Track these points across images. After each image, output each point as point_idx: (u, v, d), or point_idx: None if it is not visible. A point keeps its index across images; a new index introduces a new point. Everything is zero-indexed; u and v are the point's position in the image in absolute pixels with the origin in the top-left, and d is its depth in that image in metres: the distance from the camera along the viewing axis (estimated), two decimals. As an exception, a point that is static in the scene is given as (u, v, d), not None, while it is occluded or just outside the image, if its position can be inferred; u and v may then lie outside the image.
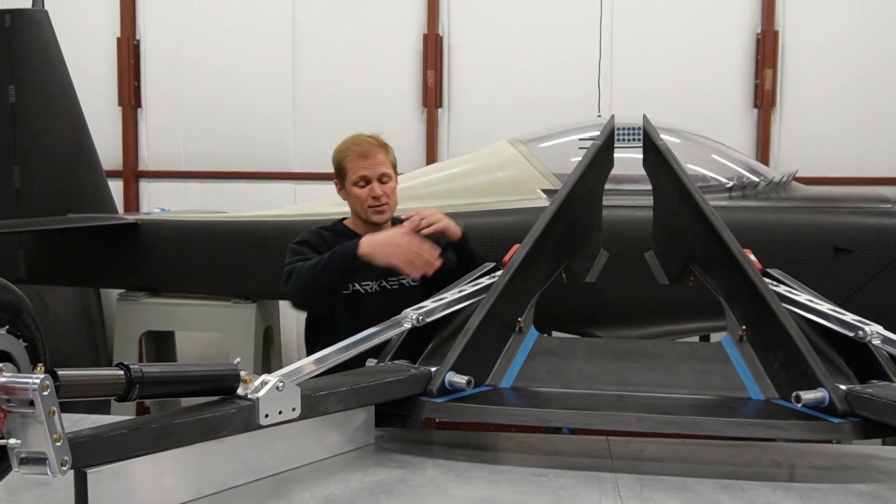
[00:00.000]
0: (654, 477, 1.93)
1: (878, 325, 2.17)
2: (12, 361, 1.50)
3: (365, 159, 2.93)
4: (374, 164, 2.94)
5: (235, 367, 1.87)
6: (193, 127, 6.72)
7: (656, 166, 2.78)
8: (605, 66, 6.00)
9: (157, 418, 1.72)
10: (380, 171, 2.94)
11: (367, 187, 2.93)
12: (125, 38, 6.68)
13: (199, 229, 4.62)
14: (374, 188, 2.92)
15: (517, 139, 4.41)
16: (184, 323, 4.97)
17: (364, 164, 2.93)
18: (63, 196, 4.90)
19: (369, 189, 2.92)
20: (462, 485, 1.89)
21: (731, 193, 4.03)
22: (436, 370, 2.15)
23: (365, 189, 2.93)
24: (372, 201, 2.93)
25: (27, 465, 1.46)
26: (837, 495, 1.84)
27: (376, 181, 2.93)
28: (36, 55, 4.90)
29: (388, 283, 2.98)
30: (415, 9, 6.42)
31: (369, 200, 2.93)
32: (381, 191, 2.93)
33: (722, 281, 2.45)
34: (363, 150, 2.94)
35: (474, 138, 5.97)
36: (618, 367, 2.35)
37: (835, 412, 1.94)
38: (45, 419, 1.41)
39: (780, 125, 6.08)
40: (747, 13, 6.10)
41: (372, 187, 2.92)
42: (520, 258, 2.47)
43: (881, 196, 4.01)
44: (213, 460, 1.79)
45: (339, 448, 2.08)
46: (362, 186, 2.94)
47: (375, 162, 2.94)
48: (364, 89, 6.46)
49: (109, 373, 1.63)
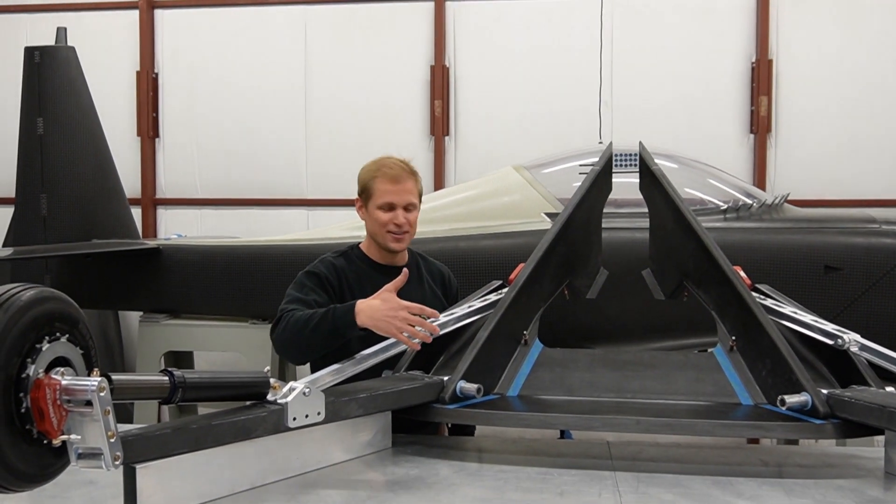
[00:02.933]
0: (651, 475, 2.09)
1: (855, 334, 2.33)
2: (71, 366, 1.66)
3: (395, 184, 2.79)
4: (403, 191, 2.79)
5: (266, 374, 2.06)
6: (209, 156, 6.93)
7: (652, 190, 2.95)
8: (606, 93, 6.20)
9: (196, 419, 1.89)
10: (407, 199, 2.80)
11: (392, 213, 2.78)
12: (144, 71, 6.93)
13: (217, 254, 4.79)
14: (398, 215, 2.78)
15: (521, 165, 4.59)
16: (203, 343, 5.14)
17: (393, 189, 2.78)
18: (88, 223, 5.09)
19: (393, 215, 2.78)
20: (473, 483, 2.05)
21: (726, 215, 4.20)
22: (448, 379, 2.32)
23: (388, 214, 2.78)
24: (393, 227, 2.79)
25: (84, 460, 1.62)
26: (819, 489, 1.99)
27: (402, 209, 2.78)
28: (63, 89, 5.13)
29: None
30: (422, 41, 6.65)
31: (390, 226, 2.78)
32: (404, 219, 2.79)
33: (713, 296, 2.62)
34: (394, 175, 2.79)
35: (480, 165, 6.17)
36: (617, 375, 2.51)
37: (817, 414, 2.11)
38: (101, 417, 1.58)
39: (776, 150, 6.26)
40: (742, 42, 6.31)
41: (396, 214, 2.78)
42: (524, 276, 2.65)
43: (868, 217, 4.17)
44: (245, 460, 1.96)
45: (360, 451, 2.25)
46: (386, 210, 2.79)
47: (404, 189, 2.80)
48: (374, 118, 6.67)
49: (156, 378, 1.81)
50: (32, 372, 1.55)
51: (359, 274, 2.83)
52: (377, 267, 2.87)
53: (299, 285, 2.76)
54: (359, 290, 2.74)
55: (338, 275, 2.79)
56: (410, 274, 2.68)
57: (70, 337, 1.67)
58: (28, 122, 5.12)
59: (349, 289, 2.78)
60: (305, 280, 2.77)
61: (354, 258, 2.89)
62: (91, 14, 6.99)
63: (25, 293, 1.57)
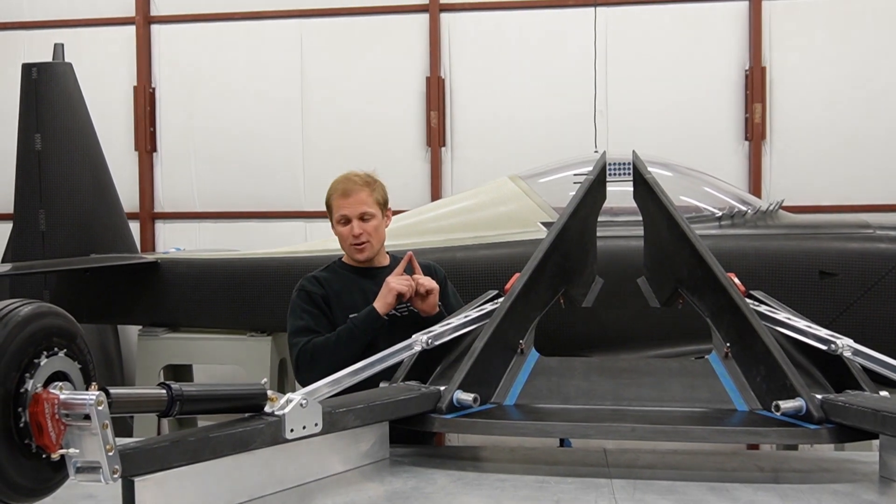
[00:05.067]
0: (648, 482, 2.10)
1: (849, 339, 2.34)
2: (69, 381, 1.67)
3: (346, 197, 2.98)
4: (355, 203, 2.97)
5: (263, 386, 2.07)
6: (206, 169, 6.96)
7: (646, 198, 2.97)
8: (601, 102, 6.23)
9: (194, 432, 1.90)
10: (360, 209, 2.97)
11: (348, 226, 2.98)
12: (141, 86, 6.97)
13: (215, 267, 4.81)
14: (353, 227, 2.97)
15: (517, 175, 4.62)
16: (202, 356, 5.15)
17: (345, 203, 2.98)
18: (86, 238, 5.12)
19: (349, 228, 2.98)
20: (470, 492, 2.06)
21: (721, 222, 4.23)
22: (444, 389, 2.33)
23: (346, 227, 2.99)
24: (353, 239, 2.98)
25: (83, 473, 1.63)
26: (815, 494, 2.00)
27: (356, 220, 2.97)
28: (60, 105, 5.16)
29: (397, 311, 3.06)
30: (417, 53, 6.69)
31: (350, 238, 2.99)
32: (360, 229, 2.97)
33: (708, 302, 2.63)
34: (345, 189, 2.99)
35: (476, 175, 6.20)
36: (613, 383, 2.52)
37: (811, 419, 2.12)
38: (99, 431, 1.59)
39: (771, 156, 6.30)
40: (735, 50, 6.35)
41: (351, 226, 2.97)
42: (520, 285, 2.67)
43: (863, 222, 4.20)
44: (243, 471, 1.97)
45: (358, 462, 2.26)
46: (343, 224, 3.00)
47: (356, 200, 2.97)
48: (370, 130, 6.70)
49: (154, 391, 1.82)
50: (31, 386, 1.56)
51: (343, 281, 3.07)
52: (359, 271, 3.11)
53: (295, 311, 3.00)
54: (346, 294, 3.03)
55: (322, 285, 3.03)
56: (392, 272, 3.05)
57: (68, 351, 1.69)
58: (26, 137, 5.15)
59: (335, 295, 3.02)
60: (298, 302, 3.01)
61: (338, 269, 3.14)
62: (88, 30, 7.04)
63: (23, 308, 1.59)
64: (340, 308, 2.99)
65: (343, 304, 3.00)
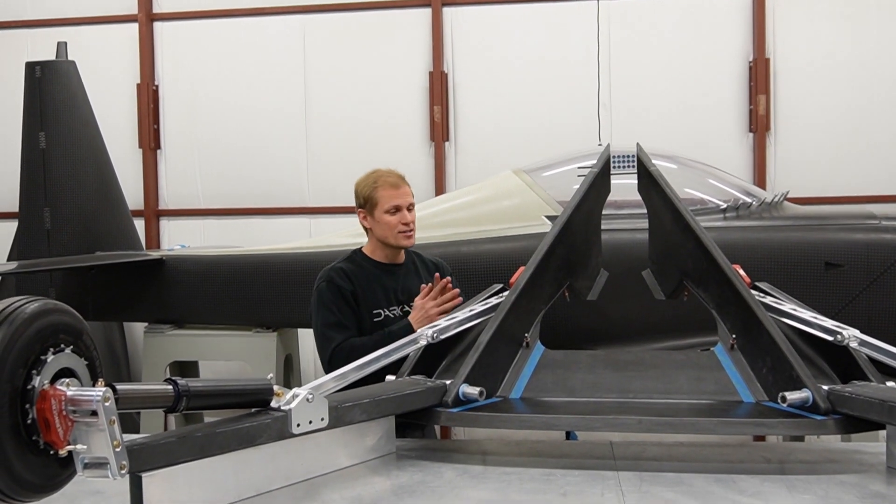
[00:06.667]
0: (654, 474, 2.10)
1: (855, 330, 2.34)
2: (76, 377, 1.68)
3: (396, 189, 3.24)
4: (404, 194, 3.25)
5: (269, 381, 2.07)
6: (210, 166, 6.97)
7: (650, 191, 2.96)
8: (605, 96, 6.23)
9: (201, 427, 1.90)
10: (409, 200, 3.26)
11: (399, 214, 3.20)
12: (145, 83, 6.98)
13: (220, 264, 4.82)
14: (405, 215, 3.21)
15: (521, 169, 4.61)
16: (208, 353, 5.16)
17: (396, 194, 3.23)
18: (91, 235, 5.13)
19: (401, 216, 3.20)
20: (477, 485, 2.06)
21: (726, 214, 4.21)
22: (450, 383, 2.33)
23: (396, 216, 3.20)
24: (403, 227, 3.21)
25: (90, 469, 1.64)
26: (822, 485, 1.99)
27: (406, 209, 3.22)
28: (64, 103, 5.17)
29: (410, 307, 3.21)
30: (420, 48, 6.68)
31: (400, 227, 3.20)
32: (410, 217, 3.23)
33: (713, 294, 2.63)
34: (394, 182, 3.25)
35: (480, 169, 6.20)
36: (618, 376, 2.51)
37: (818, 410, 2.11)
38: (106, 427, 1.60)
39: (775, 148, 6.28)
40: (739, 42, 6.34)
41: (403, 214, 3.21)
42: (525, 279, 2.66)
43: (868, 213, 4.18)
44: (250, 467, 1.97)
45: (364, 456, 2.26)
46: (394, 213, 3.20)
47: (405, 192, 3.26)
48: (374, 125, 6.71)
49: (160, 387, 1.82)
50: (38, 383, 1.56)
51: (367, 275, 3.23)
52: (381, 267, 3.28)
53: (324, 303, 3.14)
54: (368, 288, 3.19)
55: (349, 278, 3.18)
56: (409, 268, 3.33)
57: (74, 348, 1.69)
58: (30, 136, 5.16)
59: (360, 287, 3.18)
60: (328, 294, 3.15)
61: (360, 261, 3.29)
62: (91, 28, 7.05)
63: (30, 305, 1.59)
64: (366, 302, 3.17)
65: (367, 298, 3.18)
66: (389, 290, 3.23)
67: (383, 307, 3.20)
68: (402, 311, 3.23)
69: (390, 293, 3.23)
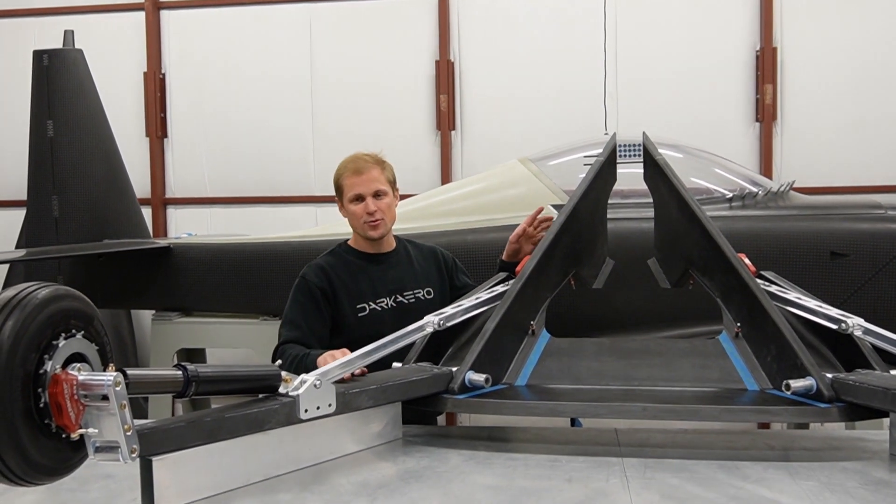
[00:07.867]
0: (658, 460, 2.12)
1: (859, 318, 2.34)
2: (87, 362, 1.70)
3: (359, 175, 2.97)
4: (368, 181, 2.97)
5: (277, 367, 2.09)
6: (217, 154, 6.99)
7: (656, 180, 2.97)
8: (611, 85, 6.21)
9: (210, 412, 1.93)
10: (374, 187, 2.97)
11: (362, 203, 2.97)
12: (152, 72, 6.99)
13: (227, 251, 4.84)
14: (367, 204, 2.95)
15: (527, 158, 4.60)
16: (215, 340, 5.18)
17: (358, 181, 2.97)
18: (99, 223, 5.16)
19: (364, 205, 2.96)
20: (483, 471, 2.09)
21: (732, 204, 4.21)
22: (457, 370, 2.35)
23: (360, 205, 2.97)
24: (367, 217, 2.96)
25: (101, 453, 1.67)
26: (824, 471, 2.01)
27: (371, 197, 2.96)
28: (72, 92, 5.18)
29: (403, 297, 3.04)
30: (426, 36, 6.68)
31: (364, 216, 2.96)
32: (374, 206, 2.96)
33: (718, 283, 2.64)
34: (357, 167, 2.98)
35: (486, 158, 6.21)
36: (623, 364, 2.53)
37: (822, 398, 2.12)
38: (117, 412, 1.62)
39: (782, 138, 6.26)
40: (746, 31, 6.31)
41: (366, 203, 2.96)
42: (531, 267, 2.68)
43: (874, 202, 4.17)
44: (258, 451, 2.00)
45: (371, 442, 2.29)
46: (357, 202, 2.98)
47: (369, 178, 2.97)
48: (380, 114, 6.71)
49: (170, 372, 1.84)
50: (50, 368, 1.59)
51: (349, 267, 3.03)
52: (366, 257, 3.07)
53: (291, 299, 2.98)
54: (351, 281, 2.99)
55: (326, 274, 2.98)
56: (399, 258, 3.09)
57: (85, 333, 1.72)
58: (38, 124, 5.18)
59: (341, 283, 2.98)
60: (296, 291, 2.98)
61: (343, 254, 3.09)
62: (97, 16, 7.06)
63: (41, 291, 1.61)
64: (347, 297, 2.96)
65: (350, 293, 2.97)
66: (377, 282, 3.00)
67: (369, 300, 2.96)
68: (395, 303, 3.01)
69: (377, 284, 2.99)
